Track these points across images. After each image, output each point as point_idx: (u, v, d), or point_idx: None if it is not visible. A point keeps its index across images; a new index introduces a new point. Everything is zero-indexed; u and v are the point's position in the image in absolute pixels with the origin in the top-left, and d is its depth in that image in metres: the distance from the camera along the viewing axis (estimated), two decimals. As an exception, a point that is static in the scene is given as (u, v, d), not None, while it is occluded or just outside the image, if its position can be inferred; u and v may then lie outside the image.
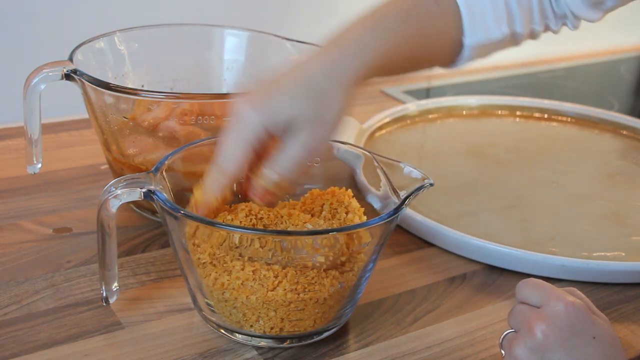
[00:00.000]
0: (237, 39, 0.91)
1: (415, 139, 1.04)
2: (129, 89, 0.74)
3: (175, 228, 0.59)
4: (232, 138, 0.58)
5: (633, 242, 0.82)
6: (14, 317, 0.64)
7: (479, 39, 0.73)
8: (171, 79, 0.89)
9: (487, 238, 0.76)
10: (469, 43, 0.73)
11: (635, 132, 1.09)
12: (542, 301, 0.56)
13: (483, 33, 0.73)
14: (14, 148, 0.93)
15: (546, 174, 0.96)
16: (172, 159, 0.64)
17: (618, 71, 1.52)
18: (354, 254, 0.59)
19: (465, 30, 0.72)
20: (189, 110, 0.77)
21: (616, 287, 0.74)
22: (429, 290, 0.72)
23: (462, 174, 0.94)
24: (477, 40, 0.73)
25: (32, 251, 0.73)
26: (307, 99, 0.59)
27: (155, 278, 0.70)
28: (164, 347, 0.62)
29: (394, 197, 0.63)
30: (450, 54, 0.74)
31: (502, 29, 0.73)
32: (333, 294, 0.59)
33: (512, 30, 0.74)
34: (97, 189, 0.85)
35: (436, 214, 0.82)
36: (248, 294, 0.57)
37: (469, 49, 0.73)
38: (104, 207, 0.59)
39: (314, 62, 0.61)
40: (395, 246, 0.78)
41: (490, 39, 0.73)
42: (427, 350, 0.64)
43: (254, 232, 0.57)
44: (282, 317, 0.59)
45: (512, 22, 0.74)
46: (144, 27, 0.87)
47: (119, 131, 0.78)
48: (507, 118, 1.12)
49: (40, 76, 0.74)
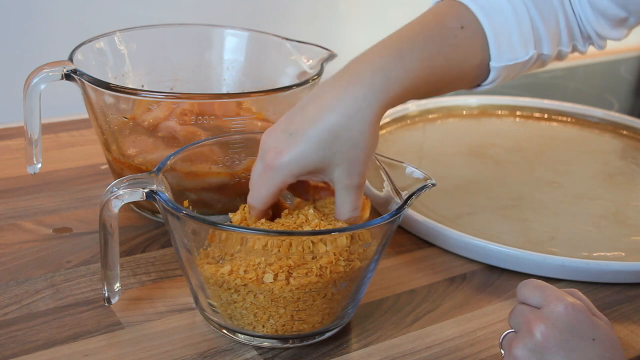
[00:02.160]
0: (237, 39, 0.91)
1: (415, 139, 1.04)
2: (129, 89, 0.74)
3: (177, 228, 0.59)
4: (261, 183, 0.61)
5: (633, 242, 0.82)
6: (14, 317, 0.64)
7: (505, 61, 0.71)
8: (171, 79, 0.89)
9: (487, 238, 0.76)
10: (495, 65, 0.71)
11: (635, 132, 1.09)
12: (542, 302, 0.56)
13: (509, 55, 0.71)
14: (14, 148, 0.93)
15: (546, 174, 0.96)
16: (174, 159, 0.65)
17: (618, 71, 1.52)
18: (356, 253, 0.59)
19: (492, 53, 0.70)
20: (189, 110, 0.77)
21: (616, 287, 0.75)
22: (429, 290, 0.72)
23: (462, 174, 0.94)
24: (504, 62, 0.71)
25: (32, 251, 0.73)
26: (334, 144, 0.60)
27: (155, 278, 0.70)
28: (164, 347, 0.62)
29: (395, 197, 0.63)
30: (476, 76, 0.72)
31: (528, 51, 0.72)
32: (336, 293, 0.60)
33: (539, 52, 0.73)
34: (97, 189, 0.85)
35: (436, 214, 0.82)
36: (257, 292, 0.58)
37: (495, 71, 0.71)
38: (106, 207, 0.59)
39: (336, 102, 0.61)
40: (396, 246, 0.78)
41: (516, 61, 0.72)
42: (427, 350, 0.64)
43: (255, 233, 0.57)
44: (291, 314, 0.59)
45: (539, 44, 0.73)
46: (144, 27, 0.87)
47: (119, 131, 0.78)
48: (507, 118, 1.12)
49: (40, 76, 0.74)
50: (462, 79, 0.71)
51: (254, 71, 0.90)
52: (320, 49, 0.84)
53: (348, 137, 0.60)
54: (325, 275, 0.58)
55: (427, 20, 0.69)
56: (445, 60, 0.67)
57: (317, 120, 0.60)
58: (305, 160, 0.60)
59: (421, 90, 0.67)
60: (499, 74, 0.72)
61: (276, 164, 0.60)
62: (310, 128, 0.60)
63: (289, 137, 0.60)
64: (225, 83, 0.91)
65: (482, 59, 0.70)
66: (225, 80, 0.91)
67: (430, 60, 0.66)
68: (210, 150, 0.70)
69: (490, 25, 0.70)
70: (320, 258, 0.58)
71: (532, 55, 0.72)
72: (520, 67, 0.73)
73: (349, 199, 0.61)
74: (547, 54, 0.73)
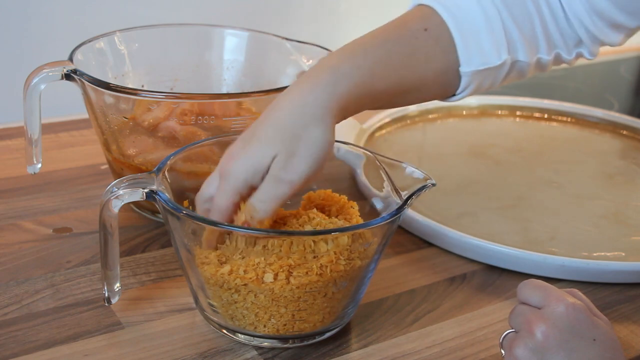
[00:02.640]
0: (237, 39, 0.91)
1: (415, 139, 1.04)
2: (129, 89, 0.74)
3: (177, 228, 0.59)
4: (219, 194, 0.59)
5: (633, 242, 0.82)
6: (14, 317, 0.64)
7: (476, 66, 0.69)
8: (171, 79, 0.89)
9: (487, 238, 0.76)
10: (465, 70, 0.68)
11: (635, 132, 1.09)
12: (542, 302, 0.56)
13: (479, 59, 0.68)
14: (14, 148, 0.93)
15: (546, 174, 0.96)
16: (174, 159, 0.65)
17: (618, 71, 1.52)
18: (356, 253, 0.59)
19: (461, 57, 0.68)
20: (189, 110, 0.77)
21: (616, 287, 0.75)
22: (429, 290, 0.72)
23: (462, 174, 0.94)
24: (474, 67, 0.68)
25: (32, 251, 0.73)
26: (281, 141, 0.59)
27: (155, 278, 0.70)
28: (164, 347, 0.62)
29: (395, 197, 0.63)
30: (445, 83, 0.69)
31: (501, 55, 0.69)
32: (336, 292, 0.60)
33: (513, 57, 0.70)
34: (97, 189, 0.85)
35: (436, 214, 0.82)
36: (257, 292, 0.58)
37: (467, 77, 0.69)
38: (107, 207, 0.59)
39: (286, 102, 0.60)
40: (396, 246, 0.78)
41: (488, 66, 0.69)
42: (427, 350, 0.64)
43: (256, 233, 0.57)
44: (292, 313, 0.59)
45: (513, 49, 0.70)
46: (144, 27, 0.88)
47: (119, 131, 0.78)
48: (507, 118, 1.12)
49: (40, 76, 0.74)
50: (428, 85, 0.68)
51: (254, 71, 0.90)
52: (320, 49, 0.84)
53: (294, 135, 0.59)
54: (326, 274, 0.58)
55: (391, 24, 0.68)
56: (403, 61, 0.65)
57: (266, 120, 0.60)
58: (256, 160, 0.58)
59: (384, 91, 0.65)
60: (471, 81, 0.69)
61: (230, 169, 0.59)
62: (261, 128, 0.59)
63: (242, 143, 0.60)
64: (225, 83, 0.91)
65: (449, 63, 0.68)
66: (225, 80, 0.91)
67: (386, 59, 0.64)
68: (210, 150, 0.70)
69: (458, 28, 0.68)
70: (320, 257, 0.58)
71: (505, 60, 0.69)
72: (494, 74, 0.70)
73: (266, 189, 0.58)
74: (523, 60, 0.70)
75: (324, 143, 0.59)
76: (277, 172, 0.58)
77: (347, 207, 0.66)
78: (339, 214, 0.65)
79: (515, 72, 0.72)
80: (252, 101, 0.80)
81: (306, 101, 0.60)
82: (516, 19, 0.70)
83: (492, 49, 0.69)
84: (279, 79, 0.87)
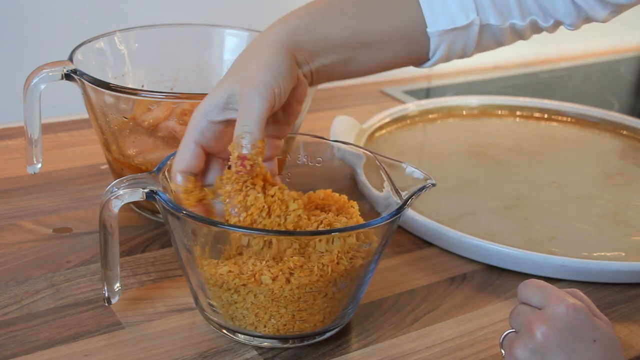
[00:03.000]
0: (237, 39, 0.91)
1: (415, 139, 1.04)
2: (129, 89, 0.74)
3: (177, 228, 0.59)
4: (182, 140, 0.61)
5: (633, 242, 0.82)
6: (14, 317, 0.64)
7: (443, 26, 0.68)
8: (171, 79, 0.89)
9: (487, 238, 0.76)
10: (432, 30, 0.68)
11: (635, 132, 1.09)
12: (543, 302, 0.56)
13: (445, 19, 0.68)
14: (14, 148, 0.93)
15: (546, 174, 0.96)
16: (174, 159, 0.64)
17: (618, 71, 1.52)
18: (357, 253, 0.59)
19: (426, 17, 0.68)
20: (189, 110, 0.77)
21: (616, 287, 0.75)
22: (429, 290, 0.72)
23: (462, 174, 0.94)
24: (440, 27, 0.68)
25: (32, 251, 0.73)
26: (235, 71, 0.62)
27: (155, 278, 0.70)
28: (164, 347, 0.62)
29: (395, 197, 0.63)
30: (415, 43, 0.69)
31: (469, 15, 0.68)
32: (337, 292, 0.60)
33: (484, 20, 0.69)
34: (97, 189, 0.85)
35: (436, 214, 0.82)
36: (257, 292, 0.58)
37: (435, 39, 0.68)
38: (106, 207, 0.59)
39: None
40: (396, 246, 0.78)
41: (455, 25, 0.68)
42: (427, 350, 0.64)
43: (256, 232, 0.57)
44: (293, 313, 0.59)
45: (482, 11, 0.69)
46: (144, 27, 0.88)
47: (119, 131, 0.78)
48: (507, 118, 1.12)
49: (40, 76, 0.74)
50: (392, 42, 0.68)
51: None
52: (320, 49, 0.84)
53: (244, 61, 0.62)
54: (326, 274, 0.58)
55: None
56: (359, 9, 0.67)
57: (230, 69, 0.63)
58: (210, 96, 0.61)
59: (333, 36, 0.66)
60: (440, 42, 0.69)
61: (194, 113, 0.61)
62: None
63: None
64: (225, 83, 0.91)
65: (414, 23, 0.68)
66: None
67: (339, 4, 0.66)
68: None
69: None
70: (321, 257, 0.58)
71: (472, 20, 0.68)
72: (465, 37, 0.69)
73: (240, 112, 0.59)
74: (494, 24, 0.70)
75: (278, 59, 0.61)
76: (240, 90, 0.59)
77: (347, 207, 0.66)
78: (339, 214, 0.65)
79: (489, 36, 0.71)
80: (252, 101, 0.80)
81: (259, 39, 0.64)
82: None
83: (458, 9, 0.69)
84: (279, 79, 0.87)
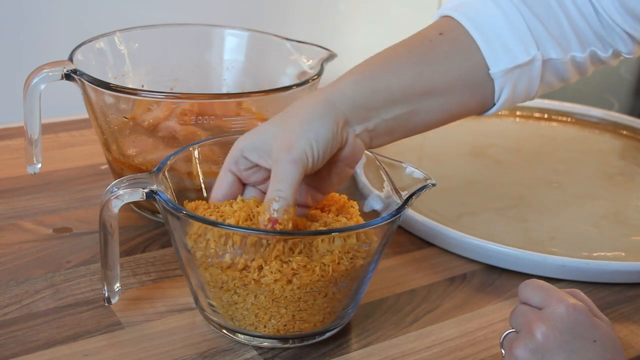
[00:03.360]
0: (237, 39, 0.91)
1: (415, 139, 1.03)
2: (129, 89, 0.74)
3: (177, 228, 0.59)
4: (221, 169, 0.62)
5: (633, 242, 0.82)
6: (14, 317, 0.64)
7: (505, 64, 0.66)
8: (171, 79, 0.89)
9: (487, 238, 0.76)
10: (494, 71, 0.66)
11: (635, 132, 1.09)
12: (543, 302, 0.56)
13: (507, 58, 0.66)
14: (14, 148, 0.93)
15: (546, 174, 0.96)
16: (174, 159, 0.64)
17: (618, 71, 1.52)
18: (357, 253, 0.59)
19: (487, 58, 0.66)
20: (189, 110, 0.77)
21: (616, 287, 0.75)
22: (429, 290, 0.72)
23: (462, 174, 0.94)
24: (503, 66, 0.66)
25: (32, 251, 0.73)
26: (279, 123, 0.61)
27: (155, 278, 0.70)
28: (164, 347, 0.62)
29: (395, 197, 0.63)
30: (479, 87, 0.67)
31: (529, 51, 0.66)
32: (337, 292, 0.60)
33: (545, 55, 0.67)
34: (97, 189, 0.85)
35: (436, 214, 0.82)
36: (257, 293, 0.58)
37: (499, 78, 0.66)
38: (106, 207, 0.59)
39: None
40: (395, 246, 0.78)
41: (517, 63, 0.66)
42: (427, 350, 0.64)
43: (257, 233, 0.57)
44: (293, 314, 0.59)
45: (542, 46, 0.67)
46: (144, 27, 0.87)
47: (119, 131, 0.78)
48: (507, 118, 1.12)
49: (40, 76, 0.74)
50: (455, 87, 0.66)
51: (254, 71, 0.90)
52: (320, 49, 0.84)
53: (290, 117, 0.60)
54: (326, 274, 0.58)
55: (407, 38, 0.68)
56: (418, 57, 0.65)
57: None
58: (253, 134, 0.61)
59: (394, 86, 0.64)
60: (504, 83, 0.67)
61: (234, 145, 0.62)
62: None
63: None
64: (225, 83, 0.91)
65: (474, 64, 0.66)
66: (225, 80, 0.91)
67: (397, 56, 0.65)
68: (210, 150, 0.70)
69: (477, 29, 0.66)
70: (322, 257, 0.58)
71: (534, 56, 0.67)
72: (528, 74, 0.68)
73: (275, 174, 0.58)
74: (556, 58, 0.68)
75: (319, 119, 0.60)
76: (278, 152, 0.59)
77: (347, 207, 0.66)
78: (339, 214, 0.65)
79: (552, 72, 0.69)
80: (252, 101, 0.80)
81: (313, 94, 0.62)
82: (539, 17, 0.68)
83: (517, 45, 0.67)
84: (279, 79, 0.87)
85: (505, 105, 0.69)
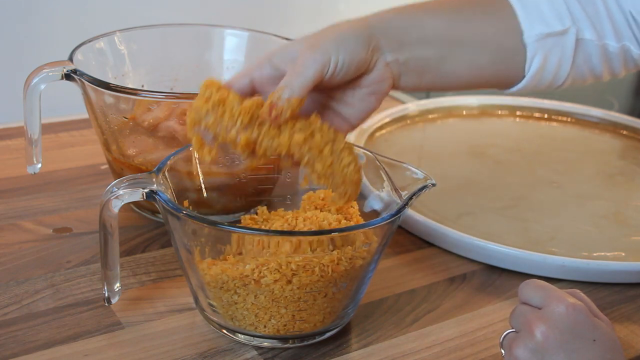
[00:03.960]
0: (237, 39, 0.91)
1: (415, 139, 1.04)
2: (129, 89, 0.74)
3: (177, 228, 0.59)
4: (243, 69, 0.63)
5: (633, 242, 0.82)
6: (14, 317, 0.64)
7: (539, 30, 0.67)
8: (171, 79, 0.89)
9: (487, 238, 0.76)
10: (529, 35, 0.67)
11: (635, 132, 1.09)
12: (543, 302, 0.56)
13: (541, 25, 0.67)
14: (14, 148, 0.93)
15: (546, 174, 0.96)
16: (174, 159, 0.64)
17: (618, 71, 1.52)
18: (357, 253, 0.59)
19: (522, 23, 0.67)
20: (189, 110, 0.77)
21: (616, 287, 0.75)
22: (429, 290, 0.72)
23: (462, 174, 0.94)
24: (538, 31, 0.67)
25: (32, 251, 0.73)
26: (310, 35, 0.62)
27: (155, 278, 0.70)
28: (164, 347, 0.62)
29: (395, 197, 0.63)
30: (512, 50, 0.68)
31: (564, 21, 0.67)
32: (337, 292, 0.60)
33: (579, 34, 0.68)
34: (97, 189, 0.85)
35: (436, 214, 0.82)
36: (257, 293, 0.58)
37: (532, 45, 0.67)
38: (106, 207, 0.59)
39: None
40: (395, 246, 0.78)
41: (551, 30, 0.67)
42: (427, 350, 0.64)
43: (257, 233, 0.57)
44: (293, 314, 0.59)
45: (577, 22, 0.68)
46: (144, 27, 0.87)
47: (119, 131, 0.78)
48: (507, 118, 1.12)
49: (40, 76, 0.74)
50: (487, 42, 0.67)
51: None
52: (320, 49, 0.84)
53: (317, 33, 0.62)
54: (326, 274, 0.58)
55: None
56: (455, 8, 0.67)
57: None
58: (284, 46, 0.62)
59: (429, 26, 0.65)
60: (536, 51, 0.67)
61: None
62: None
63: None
64: (225, 83, 0.91)
65: (509, 27, 0.67)
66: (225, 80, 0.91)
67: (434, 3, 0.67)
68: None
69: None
70: (322, 257, 0.58)
71: (568, 28, 0.67)
72: (561, 47, 0.68)
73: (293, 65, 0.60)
74: (589, 38, 0.68)
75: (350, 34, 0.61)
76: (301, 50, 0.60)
77: (347, 207, 0.66)
78: (339, 213, 0.65)
79: (584, 56, 0.69)
80: (252, 101, 0.80)
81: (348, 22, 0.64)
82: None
83: (553, 15, 0.67)
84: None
85: (534, 80, 0.69)
